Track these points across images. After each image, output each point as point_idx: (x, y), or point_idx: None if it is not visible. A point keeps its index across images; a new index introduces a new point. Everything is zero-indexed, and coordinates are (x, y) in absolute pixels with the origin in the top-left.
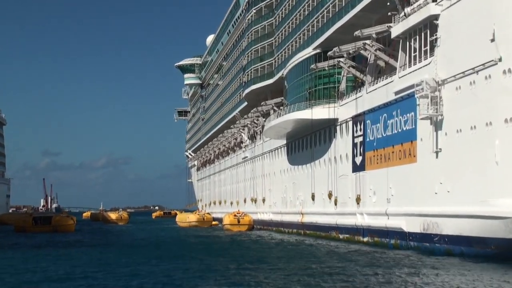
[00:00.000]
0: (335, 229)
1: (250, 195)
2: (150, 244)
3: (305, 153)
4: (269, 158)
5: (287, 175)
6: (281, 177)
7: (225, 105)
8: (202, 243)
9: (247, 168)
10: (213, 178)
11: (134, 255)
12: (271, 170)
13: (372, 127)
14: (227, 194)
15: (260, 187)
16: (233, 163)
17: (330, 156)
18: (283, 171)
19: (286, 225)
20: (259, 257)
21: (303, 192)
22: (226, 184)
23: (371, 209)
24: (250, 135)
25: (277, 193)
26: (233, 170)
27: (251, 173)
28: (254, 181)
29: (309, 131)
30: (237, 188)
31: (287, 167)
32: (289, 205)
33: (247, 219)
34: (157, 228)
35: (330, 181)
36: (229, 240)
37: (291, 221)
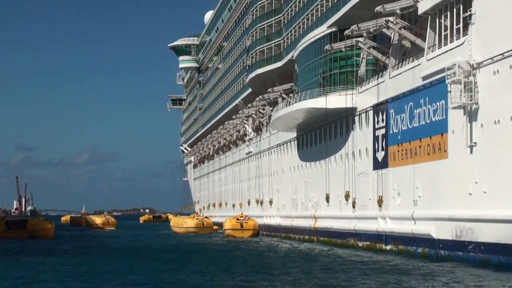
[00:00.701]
0: (353, 236)
1: (255, 196)
2: (146, 252)
3: (319, 148)
4: (277, 154)
5: (298, 173)
6: (290, 175)
7: (226, 92)
8: (199, 250)
9: (251, 165)
10: (212, 176)
11: (129, 268)
12: (279, 168)
13: (396, 118)
14: (229, 195)
15: (267, 187)
16: (235, 159)
17: (348, 151)
18: (293, 168)
19: (296, 231)
20: (266, 266)
21: (316, 192)
22: (227, 183)
23: (395, 212)
24: (255, 127)
25: (286, 194)
26: (235, 168)
27: (256, 171)
28: (259, 180)
29: (323, 122)
30: (240, 188)
31: (297, 164)
32: (300, 208)
33: (251, 223)
34: (149, 234)
35: (347, 180)
36: (229, 248)
37: (302, 226)
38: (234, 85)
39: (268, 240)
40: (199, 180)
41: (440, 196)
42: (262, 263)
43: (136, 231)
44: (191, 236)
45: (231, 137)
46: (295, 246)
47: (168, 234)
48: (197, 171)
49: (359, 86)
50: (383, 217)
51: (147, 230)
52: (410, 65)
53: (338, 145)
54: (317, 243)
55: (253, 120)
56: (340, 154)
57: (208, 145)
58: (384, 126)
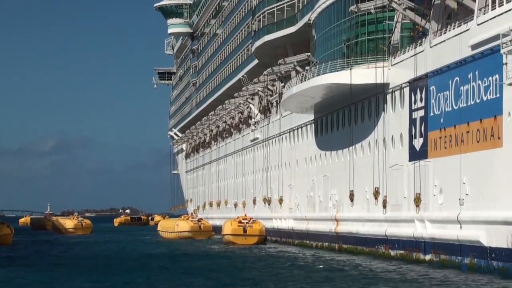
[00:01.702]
0: (384, 243)
1: (262, 193)
2: (140, 265)
3: (341, 134)
4: (289, 141)
5: (315, 165)
6: (306, 168)
7: (227, 65)
8: (195, 268)
9: (257, 155)
10: (209, 169)
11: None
12: (292, 158)
13: (438, 96)
14: (229, 192)
15: (276, 182)
16: (238, 148)
17: (377, 138)
18: (309, 159)
19: (313, 237)
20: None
21: (338, 189)
22: (227, 177)
23: (437, 214)
24: (262, 108)
25: (300, 190)
26: (237, 158)
27: (263, 162)
28: (267, 173)
29: (347, 102)
30: (243, 184)
31: (315, 154)
32: (318, 208)
33: (257, 227)
34: (135, 240)
35: (376, 173)
36: (232, 260)
37: (320, 231)
38: (237, 55)
39: (280, 249)
40: (192, 173)
41: (492, 194)
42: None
43: (115, 236)
44: (184, 243)
45: (232, 120)
46: (314, 255)
47: (154, 241)
48: (190, 162)
49: (392, 57)
50: (421, 219)
51: (128, 235)
52: (456, 31)
53: (366, 131)
54: (338, 251)
55: (260, 99)
56: (367, 142)
57: (204, 130)
58: (423, 107)
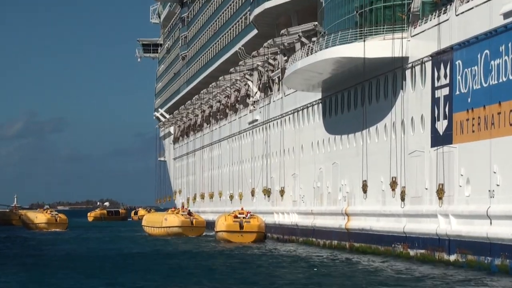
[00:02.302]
0: (403, 241)
1: (262, 184)
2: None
3: (353, 115)
4: (293, 123)
5: (323, 151)
6: (312, 154)
7: (221, 35)
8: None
9: (256, 140)
10: (201, 155)
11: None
12: (296, 143)
13: (465, 72)
14: (224, 182)
15: (278, 170)
16: (234, 132)
17: (395, 120)
18: (316, 144)
19: (320, 234)
20: None
21: (349, 179)
22: (221, 165)
23: (463, 208)
24: (261, 85)
25: (306, 181)
26: (233, 143)
27: (263, 148)
28: (268, 160)
29: (360, 79)
30: (240, 173)
31: (322, 138)
32: (327, 201)
33: (255, 223)
34: (118, 238)
35: (394, 161)
36: (230, 262)
37: (329, 227)
38: (233, 24)
39: (280, 247)
40: (181, 160)
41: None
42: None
43: (93, 233)
44: (172, 241)
45: (227, 99)
46: (321, 257)
47: (140, 238)
48: (179, 148)
49: (412, 26)
50: (445, 214)
51: (108, 232)
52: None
53: (381, 112)
54: (350, 251)
55: (260, 75)
56: (383, 125)
57: (195, 110)
58: (448, 85)
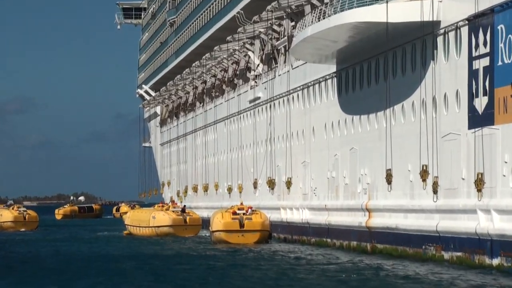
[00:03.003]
0: (435, 241)
1: (266, 174)
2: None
3: (374, 92)
4: (302, 101)
5: (339, 134)
6: (326, 138)
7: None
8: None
9: (259, 121)
10: (193, 140)
11: None
12: (306, 125)
13: (509, 39)
14: (221, 172)
15: (284, 158)
16: (232, 112)
17: (424, 97)
18: (329, 126)
19: (336, 233)
20: None
21: (371, 168)
22: (218, 152)
23: (507, 202)
24: (264, 56)
25: (318, 170)
26: (231, 125)
27: (266, 131)
28: (272, 146)
29: (382, 48)
30: (240, 161)
31: (338, 119)
32: (343, 194)
33: (258, 220)
34: (100, 238)
35: (424, 146)
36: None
37: (346, 225)
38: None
39: (289, 249)
40: (169, 146)
41: None
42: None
43: (70, 232)
44: (163, 243)
45: (224, 73)
46: (339, 262)
47: (125, 239)
48: (167, 132)
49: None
50: (486, 209)
51: (88, 231)
52: None
53: (408, 87)
54: (371, 254)
55: (262, 45)
56: (410, 103)
57: (186, 87)
58: (488, 54)
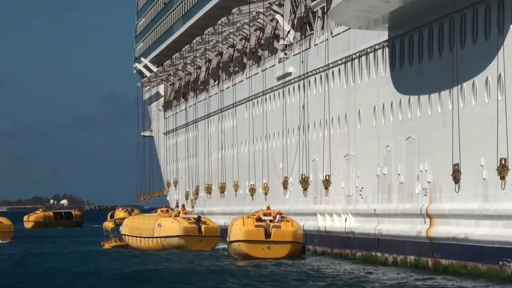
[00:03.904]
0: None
1: (298, 170)
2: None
3: (437, 66)
4: (344, 79)
5: (391, 120)
6: (375, 125)
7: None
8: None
9: (289, 103)
10: (205, 128)
11: None
12: (350, 109)
13: None
14: (241, 169)
15: (322, 150)
16: (255, 92)
17: (501, 72)
18: (379, 109)
19: (389, 246)
20: None
21: (432, 162)
22: (237, 143)
23: None
24: (297, 21)
25: (365, 165)
26: (254, 109)
27: (300, 117)
28: (306, 135)
29: (447, 9)
30: (265, 154)
31: (390, 100)
32: (397, 196)
33: (288, 229)
34: (91, 252)
35: (502, 135)
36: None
37: (401, 236)
38: None
39: (332, 268)
40: (176, 135)
41: None
42: None
43: (56, 245)
44: (170, 259)
45: (245, 42)
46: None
47: (127, 254)
48: (173, 117)
49: None
50: None
51: (76, 244)
52: None
53: (480, 59)
54: (434, 271)
55: (294, 6)
56: (484, 79)
57: (196, 60)
58: None
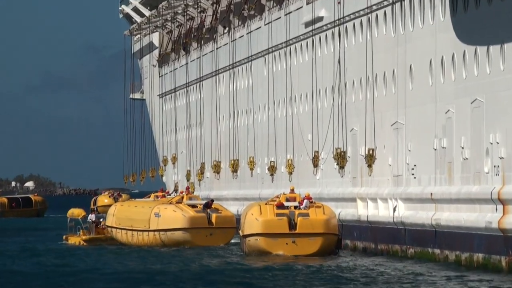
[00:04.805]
0: None
1: (332, 143)
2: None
3: (510, 6)
4: (390, 25)
5: (452, 77)
6: (432, 85)
7: None
8: None
9: (320, 56)
10: (212, 89)
11: None
12: (398, 63)
13: None
14: (258, 141)
15: (363, 117)
16: (277, 42)
17: None
18: (437, 64)
19: (449, 240)
20: None
21: (506, 132)
22: (253, 108)
23: None
24: None
25: (419, 135)
26: (275, 64)
27: (333, 73)
28: (342, 97)
29: None
30: (289, 122)
31: (451, 52)
32: (461, 176)
33: (319, 218)
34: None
35: None
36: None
37: (466, 227)
38: None
39: (376, 270)
40: (174, 98)
41: None
42: None
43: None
44: (171, 256)
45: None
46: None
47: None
48: (170, 75)
49: None
50: None
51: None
52: None
53: None
54: (510, 275)
55: None
56: None
57: (200, 1)
58: None
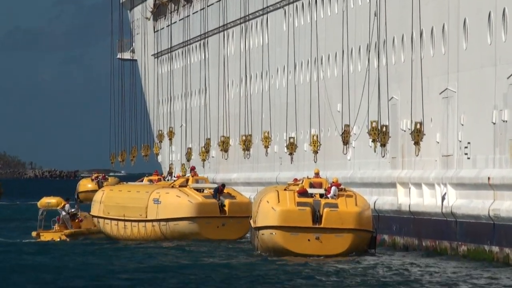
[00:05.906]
0: None
1: (367, 115)
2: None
3: None
4: None
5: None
6: (490, 43)
7: None
8: None
9: (352, 9)
10: (218, 48)
11: None
12: (447, 15)
13: None
14: (275, 112)
15: (404, 82)
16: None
17: None
18: (498, 17)
19: (508, 236)
20: None
21: None
22: (269, 72)
23: None
24: None
25: (474, 107)
26: (297, 17)
27: (368, 29)
28: (379, 59)
29: None
30: (314, 89)
31: (509, 3)
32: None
33: (349, 210)
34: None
35: None
36: None
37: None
38: None
39: (422, 273)
40: (172, 59)
41: None
42: None
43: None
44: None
45: None
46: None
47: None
48: (167, 30)
49: None
50: None
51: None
52: None
53: None
54: None
55: None
56: None
57: None
58: None
